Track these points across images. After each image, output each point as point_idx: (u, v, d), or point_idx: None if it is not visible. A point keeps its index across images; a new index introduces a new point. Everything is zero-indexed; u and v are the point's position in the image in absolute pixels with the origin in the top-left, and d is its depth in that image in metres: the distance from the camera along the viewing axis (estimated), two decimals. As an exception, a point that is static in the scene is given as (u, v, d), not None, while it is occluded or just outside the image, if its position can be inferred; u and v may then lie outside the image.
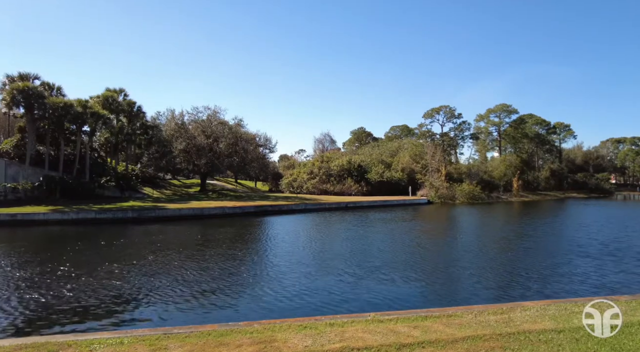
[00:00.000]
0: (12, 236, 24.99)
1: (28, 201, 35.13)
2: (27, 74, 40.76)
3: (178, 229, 28.05)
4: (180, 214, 35.56)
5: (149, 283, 12.84)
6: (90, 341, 5.88)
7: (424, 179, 66.23)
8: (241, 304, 10.85)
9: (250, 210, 39.94)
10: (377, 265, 15.62)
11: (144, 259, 16.82)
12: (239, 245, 21.33)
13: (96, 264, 15.59)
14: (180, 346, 5.60)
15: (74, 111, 39.05)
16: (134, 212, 33.87)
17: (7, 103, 37.83)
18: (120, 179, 44.82)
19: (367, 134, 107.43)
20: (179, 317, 9.62)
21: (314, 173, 67.16)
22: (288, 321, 7.00)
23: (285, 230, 29.06)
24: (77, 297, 11.21)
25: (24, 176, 37.69)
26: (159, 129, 53.46)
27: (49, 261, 16.31)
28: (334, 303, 10.76)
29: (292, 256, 17.65)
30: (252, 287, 12.53)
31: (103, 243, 21.32)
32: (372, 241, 22.94)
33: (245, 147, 58.40)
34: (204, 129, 55.25)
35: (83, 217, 31.38)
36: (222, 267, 15.36)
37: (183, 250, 19.26)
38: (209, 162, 54.02)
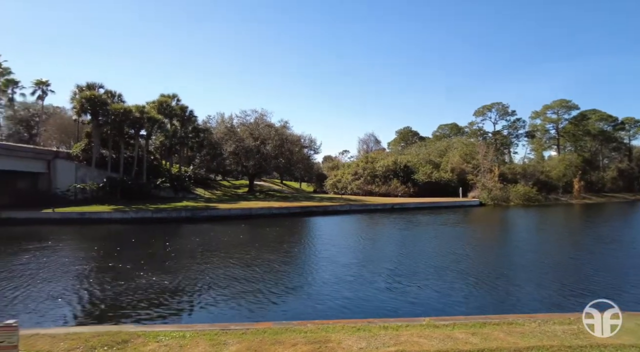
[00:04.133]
0: (81, 233, 27.25)
1: (93, 201, 38.06)
2: (93, 84, 44.25)
3: (228, 229, 29.05)
4: (230, 214, 36.86)
5: (204, 280, 13.40)
6: (157, 332, 6.24)
7: (475, 179, 63.52)
8: (291, 304, 11.01)
9: (296, 210, 40.50)
10: (426, 269, 15.19)
11: (198, 257, 17.61)
12: (287, 245, 21.70)
13: (155, 261, 16.55)
14: (238, 342, 5.78)
15: (132, 116, 41.90)
16: (187, 212, 35.62)
17: (77, 111, 41.45)
18: (174, 180, 47.34)
19: (414, 133, 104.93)
20: (232, 314, 9.94)
21: (358, 174, 66.79)
22: (341, 322, 6.99)
23: (330, 231, 29.14)
24: (139, 290, 11.96)
25: (90, 177, 40.93)
26: (209, 132, 55.83)
27: (113, 257, 17.57)
28: (384, 306, 10.60)
29: (338, 258, 17.64)
30: (300, 287, 12.68)
31: (160, 241, 22.60)
32: (420, 244, 22.37)
33: (291, 149, 59.43)
34: (252, 131, 56.92)
35: (141, 217, 33.48)
36: (271, 266, 15.68)
37: (234, 249, 19.92)
38: (256, 163, 55.61)
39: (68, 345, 5.61)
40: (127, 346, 5.62)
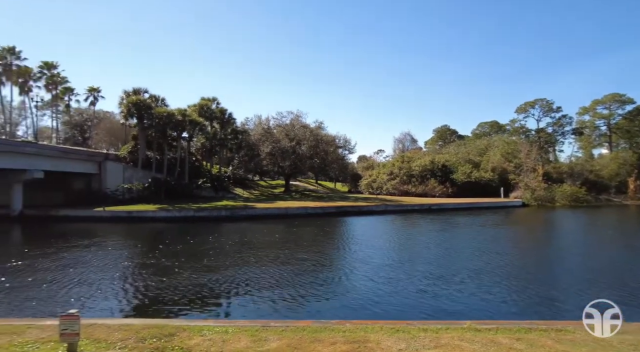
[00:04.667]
0: (128, 230, 28.83)
1: (140, 200, 40.10)
2: (139, 89, 46.68)
3: (266, 227, 29.62)
4: (268, 213, 37.59)
5: (242, 277, 13.78)
6: (201, 327, 6.52)
7: (517, 179, 60.79)
8: (326, 303, 11.09)
9: (331, 210, 40.60)
10: (464, 271, 14.75)
11: (237, 255, 18.12)
12: (322, 245, 21.84)
13: (197, 258, 17.21)
14: (279, 338, 5.93)
15: (175, 119, 43.76)
16: (227, 211, 36.73)
17: (124, 115, 43.93)
18: (215, 181, 48.97)
19: (452, 131, 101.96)
20: (270, 311, 10.17)
21: (394, 174, 65.89)
22: (379, 323, 6.97)
23: (365, 231, 28.97)
24: (181, 286, 12.50)
25: (137, 177, 43.20)
26: (247, 133, 57.29)
27: (157, 254, 18.45)
28: (421, 308, 10.43)
29: (373, 258, 17.52)
30: (335, 287, 12.74)
31: (201, 239, 23.44)
32: (459, 246, 21.76)
33: (326, 149, 59.71)
34: (288, 132, 57.75)
35: (184, 215, 34.88)
36: (306, 265, 15.86)
37: (271, 247, 20.32)
38: (292, 164, 56.38)
39: (121, 335, 6.00)
40: (174, 339, 5.92)
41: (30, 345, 5.53)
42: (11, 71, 53.36)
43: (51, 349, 5.34)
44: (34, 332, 6.10)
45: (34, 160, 35.60)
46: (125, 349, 5.45)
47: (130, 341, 5.78)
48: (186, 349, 5.46)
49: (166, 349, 5.47)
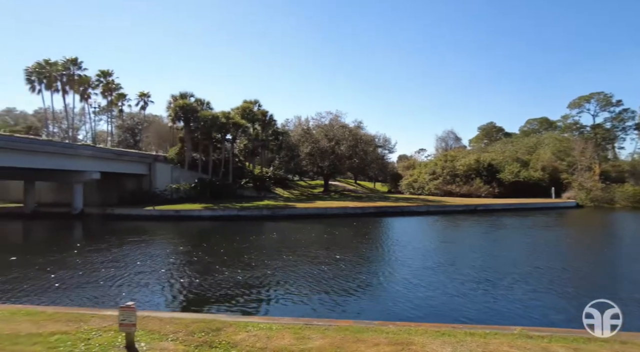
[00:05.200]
0: (176, 228, 30.24)
1: (186, 199, 41.94)
2: (185, 93, 48.81)
3: (306, 227, 29.92)
4: (307, 212, 37.96)
5: (283, 275, 14.03)
6: (246, 323, 6.72)
7: (570, 179, 57.07)
8: (367, 304, 11.03)
9: (371, 211, 40.25)
10: (511, 275, 14.06)
11: (277, 254, 18.45)
12: (362, 245, 21.72)
13: (239, 256, 17.73)
14: (321, 337, 5.98)
15: (219, 122, 45.40)
16: (268, 210, 37.53)
17: (172, 118, 46.24)
18: (256, 181, 50.24)
19: (498, 129, 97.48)
20: (310, 309, 10.27)
21: (436, 173, 64.17)
22: (423, 326, 6.84)
23: (407, 232, 28.46)
24: (225, 283, 12.94)
25: (184, 178, 45.25)
26: (287, 134, 58.22)
27: (203, 251, 19.22)
28: (464, 312, 10.07)
29: (414, 260, 17.17)
30: (376, 288, 12.64)
31: (244, 238, 24.11)
32: (506, 249, 20.82)
33: (365, 149, 59.30)
34: (327, 132, 58.02)
35: (228, 214, 36.04)
36: (346, 265, 15.84)
37: (311, 246, 20.50)
38: (331, 164, 56.57)
39: (173, 328, 6.32)
40: (220, 333, 6.15)
41: (94, 332, 5.98)
42: (74, 80, 57.73)
43: (112, 337, 5.74)
44: (97, 321, 6.58)
45: (92, 162, 38.30)
46: (177, 341, 5.74)
47: (181, 333, 6.07)
48: (232, 344, 5.65)
49: (214, 343, 5.70)
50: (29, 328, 6.22)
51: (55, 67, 55.68)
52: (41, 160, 33.52)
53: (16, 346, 5.46)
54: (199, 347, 5.51)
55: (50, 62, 55.62)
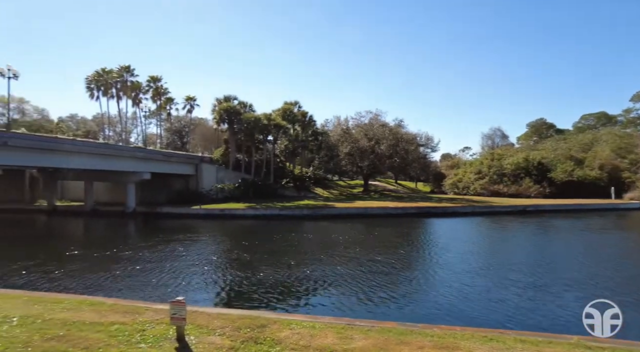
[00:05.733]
0: (221, 226, 31.33)
1: (230, 199, 43.36)
2: (229, 96, 50.49)
3: (345, 227, 29.89)
4: (347, 212, 37.91)
5: (324, 274, 14.13)
6: (289, 320, 6.85)
7: (634, 178, 52.66)
8: (409, 306, 10.85)
9: (412, 211, 39.45)
10: (562, 281, 13.25)
11: (319, 253, 18.60)
12: (403, 246, 21.37)
13: (281, 254, 18.06)
14: (364, 338, 5.96)
15: (261, 124, 46.56)
16: (308, 210, 37.91)
17: (216, 120, 48.07)
18: (297, 181, 50.95)
19: (549, 125, 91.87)
20: (351, 310, 10.26)
21: (482, 172, 61.68)
22: (469, 330, 6.62)
23: (450, 233, 27.62)
24: (268, 280, 13.24)
25: (228, 178, 46.84)
26: (327, 134, 58.47)
27: (246, 248, 19.77)
28: (512, 318, 9.62)
29: (458, 262, 16.64)
30: (418, 290, 12.41)
31: (285, 236, 24.52)
32: (558, 253, 19.61)
33: (406, 148, 58.24)
34: (366, 132, 57.60)
35: (270, 213, 36.82)
36: (387, 266, 15.65)
37: (351, 246, 20.45)
38: (371, 163, 56.10)
39: (220, 323, 6.57)
40: (265, 330, 6.31)
41: (148, 324, 6.36)
42: (127, 87, 61.62)
43: (164, 330, 6.07)
44: (150, 313, 6.99)
45: (144, 163, 40.60)
46: (224, 336, 5.96)
47: (228, 329, 6.30)
48: (277, 341, 5.79)
49: (259, 339, 5.86)
50: (92, 317, 6.73)
51: (111, 74, 59.69)
52: (100, 162, 36.05)
53: (82, 332, 5.94)
54: (245, 343, 5.68)
55: (107, 70, 59.72)
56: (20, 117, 65.37)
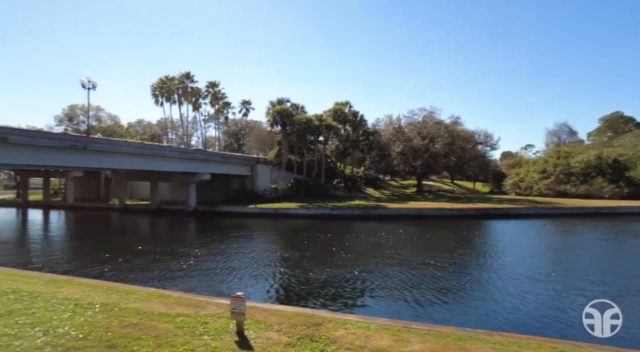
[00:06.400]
0: (274, 225, 32.19)
1: (283, 198, 44.42)
2: (282, 99, 51.79)
3: (398, 228, 29.30)
4: (399, 213, 37.18)
5: (377, 275, 14.00)
6: (344, 320, 6.88)
7: None
8: (465, 310, 10.43)
9: (470, 212, 37.76)
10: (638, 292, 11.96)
11: (370, 253, 18.45)
12: (460, 249, 20.51)
13: (332, 254, 18.15)
14: (421, 342, 5.83)
15: (312, 125, 47.22)
16: (359, 210, 37.73)
17: (270, 123, 49.55)
18: (347, 181, 50.94)
19: (627, 119, 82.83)
20: (405, 312, 10.07)
21: (547, 171, 57.47)
22: (536, 339, 6.21)
23: (511, 236, 26.10)
24: (320, 279, 13.40)
25: (281, 178, 48.05)
26: (378, 134, 57.77)
27: (299, 247, 20.12)
28: (581, 329, 8.81)
29: (520, 267, 15.66)
30: (475, 295, 11.91)
31: (337, 236, 24.60)
32: (633, 260, 17.71)
33: (463, 146, 55.79)
34: (420, 130, 56.00)
35: (321, 213, 37.17)
36: (443, 269, 15.15)
37: (405, 248, 20.04)
38: (425, 163, 54.41)
39: (277, 319, 6.77)
40: (320, 328, 6.39)
41: (210, 317, 6.72)
42: (187, 92, 65.55)
43: (225, 324, 6.37)
44: (212, 307, 7.38)
45: (204, 165, 42.87)
46: (281, 332, 6.13)
47: (284, 325, 6.47)
48: (332, 340, 5.84)
49: (314, 337, 5.95)
50: (160, 308, 7.25)
51: (173, 81, 63.83)
52: (164, 164, 38.66)
53: (152, 322, 6.42)
54: (301, 340, 5.80)
55: (169, 77, 63.94)
56: (97, 124, 71.95)
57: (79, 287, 8.81)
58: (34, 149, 27.94)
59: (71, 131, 61.92)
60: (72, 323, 6.16)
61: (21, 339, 5.45)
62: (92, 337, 5.63)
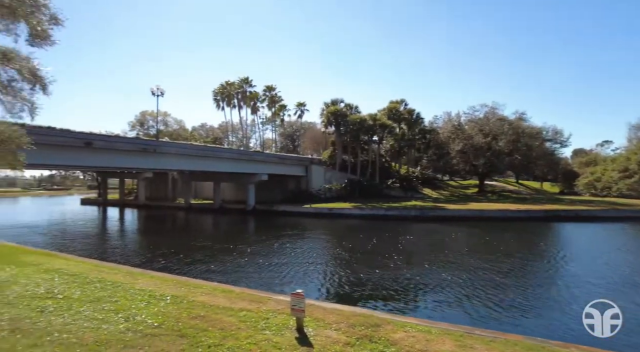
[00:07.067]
0: (328, 225, 32.41)
1: (337, 198, 44.59)
2: (336, 99, 52.09)
3: (458, 230, 28.14)
4: (459, 215, 35.63)
5: (435, 278, 13.54)
6: (404, 323, 6.75)
7: None
8: (532, 319, 9.70)
9: (538, 215, 35.15)
10: None
11: (428, 256, 17.89)
12: (527, 253, 19.18)
13: (388, 254, 17.84)
14: (487, 349, 5.55)
15: (366, 124, 46.83)
16: (416, 211, 36.75)
17: (324, 124, 49.96)
18: (403, 181, 49.83)
19: None
20: (465, 317, 9.64)
21: (629, 170, 51.64)
22: (620, 356, 5.64)
23: (585, 241, 23.94)
24: (375, 279, 13.24)
25: (335, 178, 48.30)
26: (436, 132, 55.81)
27: (353, 247, 20.06)
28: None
29: (594, 276, 14.24)
30: (542, 304, 11.04)
31: (392, 237, 24.16)
32: None
33: (529, 144, 52.02)
34: (482, 127, 53.09)
35: (375, 213, 36.78)
36: (509, 275, 14.27)
37: (465, 251, 19.19)
38: (487, 161, 51.49)
39: (335, 318, 6.82)
40: (379, 329, 6.33)
41: (271, 313, 6.95)
42: (246, 96, 68.26)
43: (285, 320, 6.55)
44: (272, 303, 7.62)
45: (262, 166, 44.42)
46: (339, 331, 6.17)
47: (342, 325, 6.49)
48: (392, 342, 5.75)
49: (373, 338, 5.90)
50: (225, 302, 7.63)
51: (233, 86, 66.82)
52: (225, 165, 40.64)
53: (217, 315, 6.78)
54: (360, 340, 5.79)
55: (229, 82, 67.03)
56: (165, 128, 77.39)
57: (152, 280, 9.55)
58: (113, 152, 30.79)
59: (142, 135, 67.34)
60: (147, 312, 6.69)
61: (107, 324, 6.04)
62: (165, 326, 6.08)
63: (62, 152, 27.44)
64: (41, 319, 6.21)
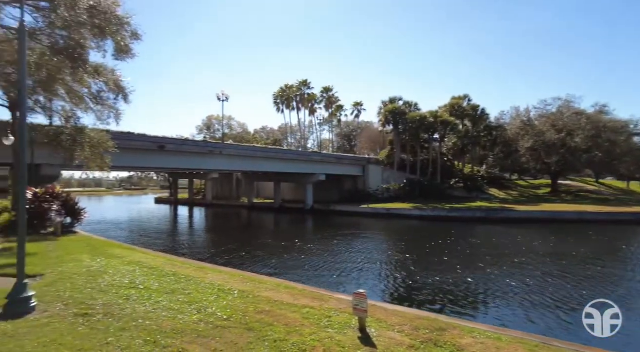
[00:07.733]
0: (387, 225, 31.94)
1: (396, 199, 43.73)
2: (395, 98, 51.15)
3: (529, 233, 26.20)
4: (530, 217, 33.19)
5: (505, 285, 12.75)
6: (471, 328, 6.45)
7: None
8: (624, 336, 8.71)
9: (625, 217, 31.66)
10: None
11: (496, 260, 16.88)
12: (609, 259, 17.34)
13: (451, 257, 17.14)
14: (567, 362, 5.13)
15: (427, 122, 45.39)
16: (481, 213, 34.87)
17: (382, 122, 49.37)
18: (467, 180, 47.50)
19: None
20: (538, 326, 8.98)
21: None
22: None
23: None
24: (438, 283, 12.80)
25: (393, 178, 47.42)
26: (503, 128, 52.48)
27: (413, 249, 19.55)
28: None
29: None
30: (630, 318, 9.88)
31: (457, 240, 23.16)
32: None
33: (612, 139, 46.82)
34: (555, 122, 48.90)
35: (437, 215, 35.49)
36: (589, 284, 12.99)
37: (538, 256, 17.83)
38: (560, 159, 47.29)
39: (398, 320, 6.71)
40: (445, 334, 6.11)
41: (333, 311, 7.02)
42: (304, 99, 69.70)
43: (347, 319, 6.58)
44: (334, 302, 7.70)
45: (319, 166, 45.02)
46: (403, 334, 6.06)
47: (406, 327, 6.37)
48: (459, 347, 5.52)
49: (439, 342, 5.71)
50: (288, 299, 7.85)
51: (292, 89, 68.54)
52: (285, 166, 41.85)
53: (282, 310, 7.01)
54: (425, 344, 5.63)
55: (289, 86, 68.85)
56: (229, 132, 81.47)
57: (220, 275, 10.11)
58: (183, 154, 33.14)
59: (209, 138, 71.47)
60: (217, 305, 7.11)
61: (182, 314, 6.52)
62: (234, 319, 6.41)
63: (139, 155, 30.10)
64: (127, 306, 6.87)
